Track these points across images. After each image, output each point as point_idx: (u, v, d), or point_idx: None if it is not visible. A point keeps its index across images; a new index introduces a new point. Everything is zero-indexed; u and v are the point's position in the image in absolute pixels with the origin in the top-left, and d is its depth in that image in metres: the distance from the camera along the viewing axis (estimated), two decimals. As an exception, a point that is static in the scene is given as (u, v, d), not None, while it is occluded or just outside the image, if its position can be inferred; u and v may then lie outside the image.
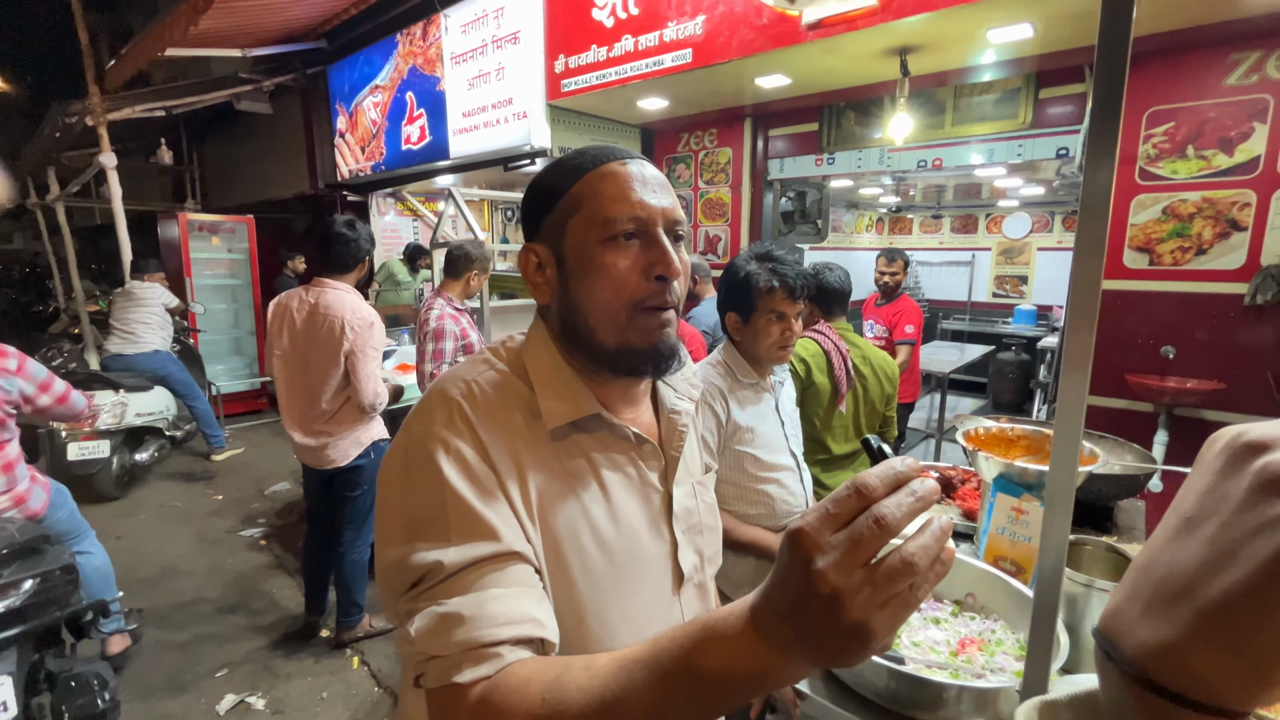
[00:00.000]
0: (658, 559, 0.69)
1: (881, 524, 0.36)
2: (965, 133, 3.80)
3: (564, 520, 0.62)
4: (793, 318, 1.37)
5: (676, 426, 0.73)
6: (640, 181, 0.64)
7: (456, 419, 0.60)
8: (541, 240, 0.67)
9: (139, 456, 4.29)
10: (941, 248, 8.31)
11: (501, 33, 4.05)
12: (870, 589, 0.35)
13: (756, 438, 1.38)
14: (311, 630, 2.67)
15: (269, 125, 6.67)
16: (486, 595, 0.53)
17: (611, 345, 0.64)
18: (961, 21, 2.65)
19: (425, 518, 0.57)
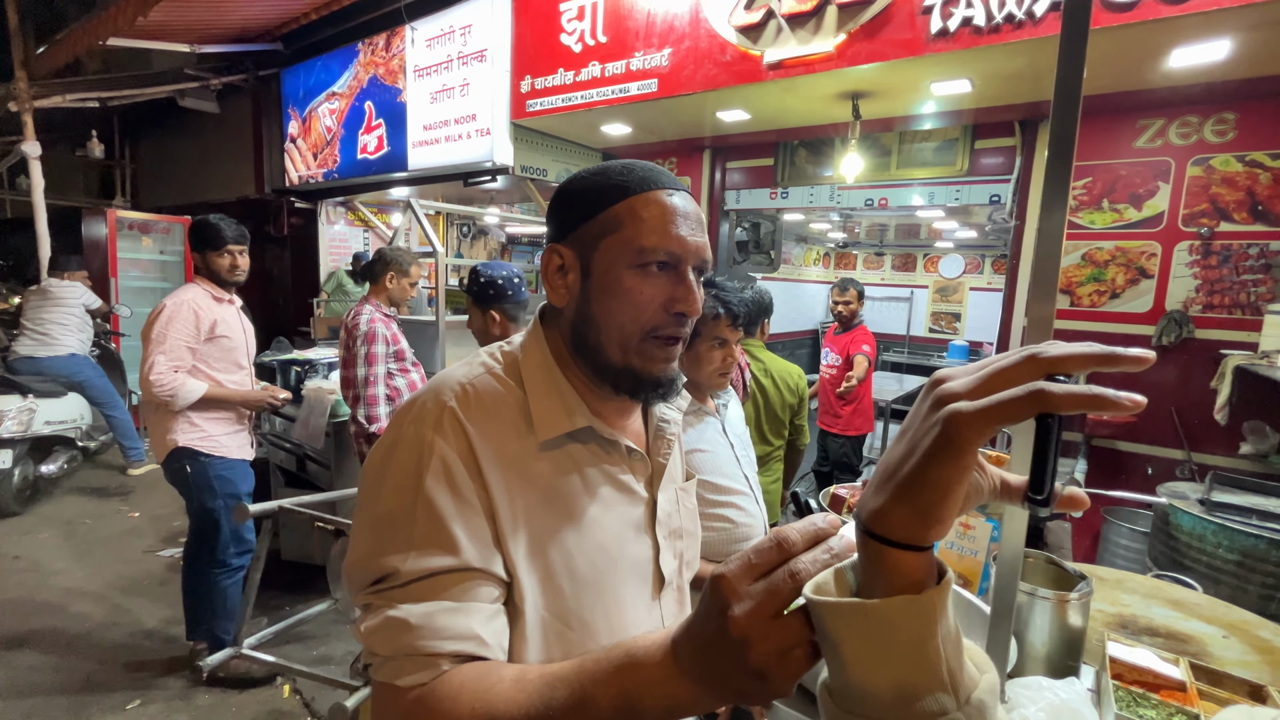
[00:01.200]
0: (640, 564, 0.71)
1: (795, 578, 0.39)
2: (908, 176, 4.05)
3: (551, 526, 0.63)
4: (734, 344, 1.41)
5: (665, 434, 0.75)
6: (683, 216, 0.66)
7: (446, 423, 0.60)
8: (570, 245, 0.67)
9: (45, 468, 3.94)
10: (883, 284, 8.73)
11: (468, 49, 4.07)
12: (779, 641, 0.39)
13: (704, 463, 1.38)
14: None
15: (214, 125, 6.40)
16: (437, 608, 0.55)
17: (617, 364, 0.66)
18: (908, 73, 2.85)
19: (394, 520, 0.58)
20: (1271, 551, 1.74)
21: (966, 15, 2.44)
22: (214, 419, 2.28)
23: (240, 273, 2.32)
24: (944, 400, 0.33)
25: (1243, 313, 2.92)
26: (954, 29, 2.49)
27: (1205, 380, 2.92)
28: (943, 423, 0.32)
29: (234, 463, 2.33)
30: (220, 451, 2.28)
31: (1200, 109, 2.94)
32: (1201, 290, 3.01)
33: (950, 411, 0.32)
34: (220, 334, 2.25)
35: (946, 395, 0.34)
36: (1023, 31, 2.37)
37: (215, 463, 2.27)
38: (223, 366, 2.29)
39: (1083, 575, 1.02)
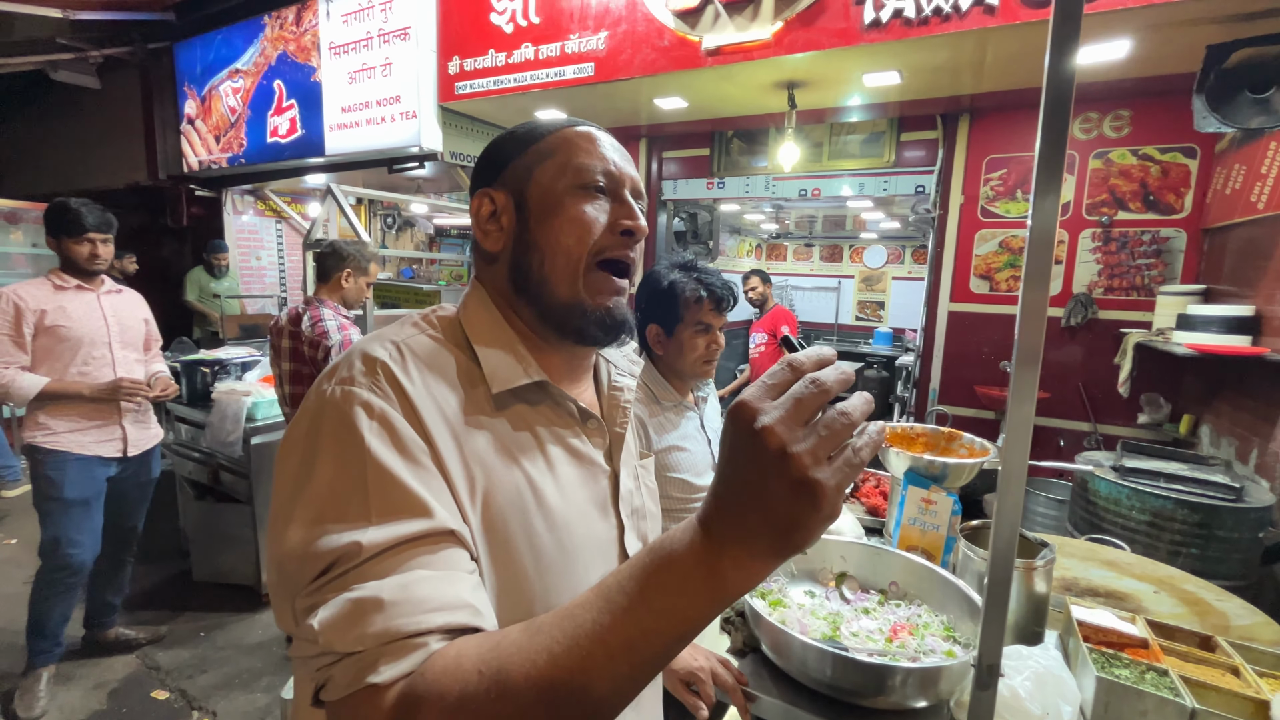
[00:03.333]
0: (606, 543, 0.65)
1: (817, 383, 0.38)
2: (839, 167, 4.16)
3: (510, 496, 0.56)
4: (718, 330, 1.36)
5: (619, 403, 0.70)
6: (613, 148, 0.66)
7: (383, 380, 0.52)
8: (499, 186, 0.65)
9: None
10: (812, 274, 9.03)
11: (390, 27, 3.83)
12: (815, 439, 0.37)
13: (682, 462, 1.32)
14: (145, 691, 2.24)
15: (95, 103, 5.73)
16: (413, 577, 0.45)
17: (563, 298, 0.62)
18: (841, 63, 2.91)
19: (339, 493, 0.48)
20: (1179, 511, 1.89)
21: (897, 7, 2.51)
22: (60, 415, 2.13)
23: (100, 262, 2.16)
24: None
25: (1139, 294, 3.19)
26: (886, 20, 2.55)
27: (1108, 357, 3.16)
28: None
29: (68, 460, 2.12)
30: (59, 446, 2.11)
31: (1100, 105, 3.17)
32: (1103, 274, 3.26)
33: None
34: (54, 324, 2.07)
35: None
36: (949, 25, 2.46)
37: (48, 460, 2.10)
38: (66, 359, 2.12)
39: (1044, 542, 1.05)
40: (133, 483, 2.34)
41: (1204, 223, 3.00)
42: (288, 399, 2.32)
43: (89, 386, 2.12)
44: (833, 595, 1.09)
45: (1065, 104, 0.65)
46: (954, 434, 1.39)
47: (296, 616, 0.46)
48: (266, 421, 2.71)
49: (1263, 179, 2.46)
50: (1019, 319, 0.67)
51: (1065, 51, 0.64)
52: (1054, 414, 3.41)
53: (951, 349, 3.70)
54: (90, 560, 2.20)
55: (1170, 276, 3.10)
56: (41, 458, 2.10)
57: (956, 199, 3.58)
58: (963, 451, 1.35)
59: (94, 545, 2.20)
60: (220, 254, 5.30)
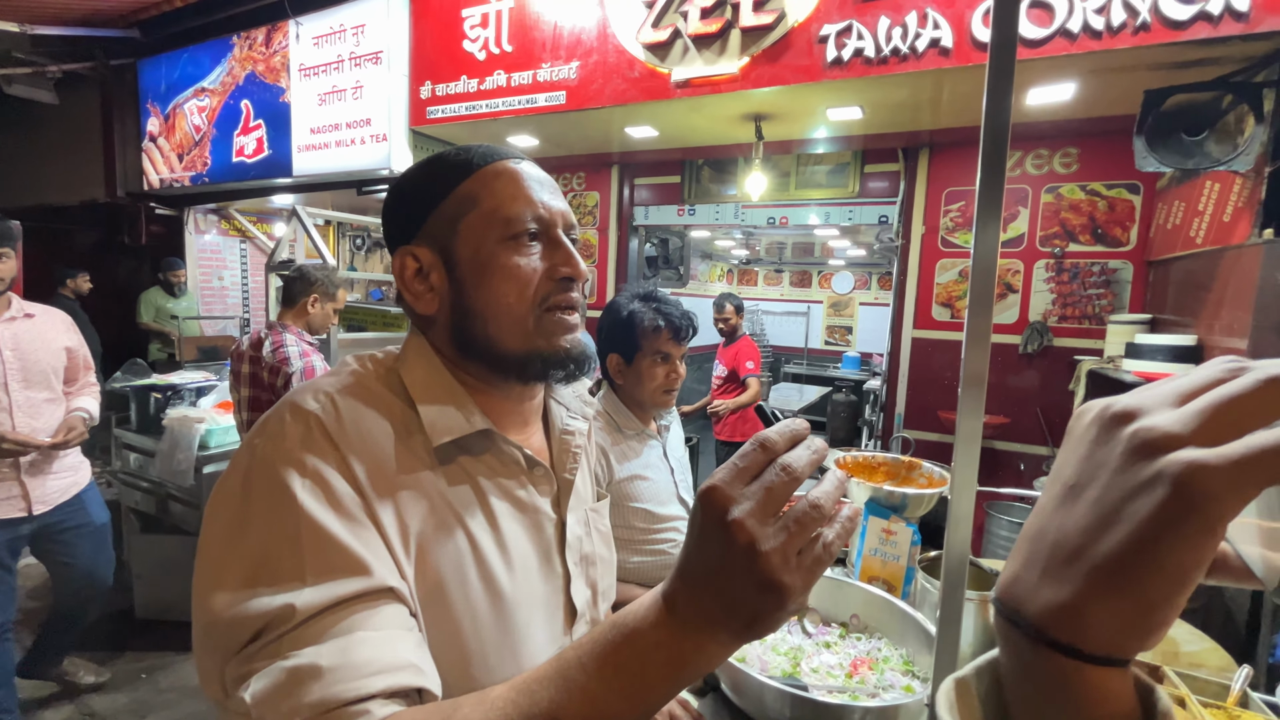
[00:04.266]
0: (549, 595, 0.63)
1: (788, 470, 0.36)
2: (805, 196, 4.27)
3: (448, 555, 0.54)
4: (678, 360, 1.36)
5: (570, 448, 0.68)
6: (538, 182, 0.62)
7: (315, 434, 0.51)
8: (422, 242, 0.60)
9: None
10: (782, 299, 9.19)
11: (361, 51, 3.83)
12: (785, 536, 0.35)
13: (644, 491, 1.31)
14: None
15: (52, 118, 5.57)
16: (352, 640, 0.43)
17: (518, 351, 0.60)
18: (806, 98, 3.00)
19: (270, 554, 0.46)
20: (1131, 535, 1.94)
21: (858, 46, 2.61)
22: None
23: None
24: (1158, 446, 0.23)
25: (1090, 323, 3.31)
26: (847, 58, 2.65)
27: (1064, 383, 3.27)
28: (1175, 483, 0.22)
29: None
30: None
31: (1050, 143, 3.32)
32: (1057, 303, 3.38)
33: (1190, 466, 0.22)
34: None
35: (1162, 439, 0.24)
36: (907, 65, 2.57)
37: None
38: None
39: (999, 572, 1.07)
40: (70, 534, 2.09)
41: (1149, 255, 3.15)
42: (246, 425, 2.23)
43: None
44: (794, 629, 1.08)
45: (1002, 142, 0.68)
46: (914, 463, 1.41)
47: (226, 687, 0.43)
48: (221, 449, 2.61)
49: (1200, 215, 2.60)
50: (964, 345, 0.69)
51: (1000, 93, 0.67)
52: (1014, 439, 3.50)
53: (916, 374, 3.78)
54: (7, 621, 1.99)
55: (1119, 306, 3.24)
56: None
57: (918, 229, 3.69)
58: (922, 481, 1.37)
59: (9, 607, 1.98)
60: (176, 271, 5.16)
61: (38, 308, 2.06)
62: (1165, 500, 0.23)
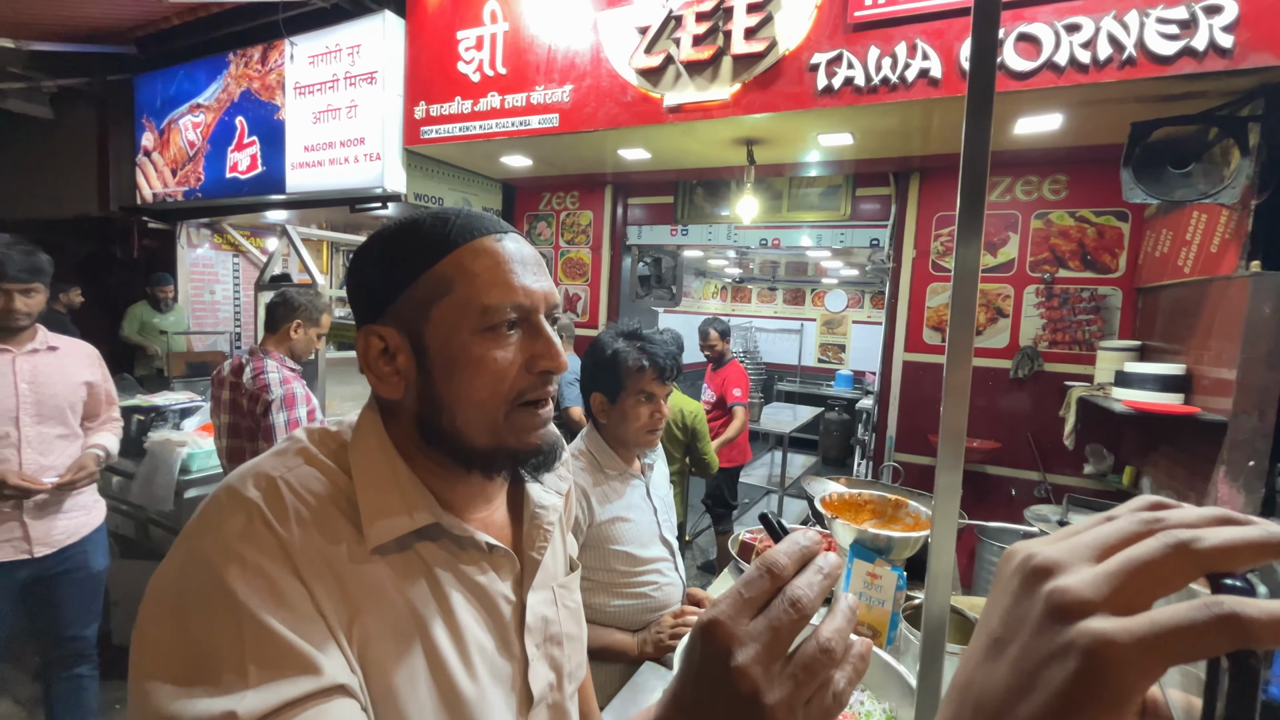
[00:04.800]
0: (503, 682, 0.59)
1: (797, 607, 0.33)
2: (798, 218, 4.29)
3: (395, 650, 0.51)
4: (662, 399, 1.33)
5: (541, 525, 0.64)
6: (520, 263, 0.57)
7: (256, 524, 0.48)
8: (389, 322, 0.56)
9: None
10: (776, 316, 9.21)
11: (356, 70, 3.84)
12: (791, 685, 0.32)
13: (626, 533, 1.29)
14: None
15: (46, 132, 5.57)
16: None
17: (484, 446, 0.56)
18: (797, 124, 3.02)
19: (209, 652, 0.43)
20: (1121, 569, 1.92)
21: (848, 75, 2.63)
22: None
23: (20, 318, 1.80)
24: (1071, 611, 0.23)
25: (1080, 349, 3.32)
26: (837, 87, 2.67)
27: (1055, 409, 3.26)
28: (1084, 655, 0.22)
29: None
30: None
31: (1039, 170, 3.35)
32: (1047, 328, 3.39)
33: (1098, 639, 0.22)
34: None
35: (1074, 604, 0.24)
36: (896, 94, 2.59)
37: None
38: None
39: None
40: (69, 582, 1.93)
41: (1137, 282, 3.17)
42: (225, 452, 2.19)
43: None
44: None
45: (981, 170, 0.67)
46: (901, 502, 1.39)
47: None
48: (203, 474, 2.57)
49: (1188, 244, 2.62)
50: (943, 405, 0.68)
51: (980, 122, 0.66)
52: (1005, 463, 3.49)
53: (907, 398, 3.77)
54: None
55: (1109, 332, 3.25)
56: None
57: (909, 253, 3.70)
58: (909, 521, 1.35)
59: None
60: (164, 286, 5.13)
61: (64, 340, 1.98)
62: (1076, 672, 0.23)
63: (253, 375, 2.06)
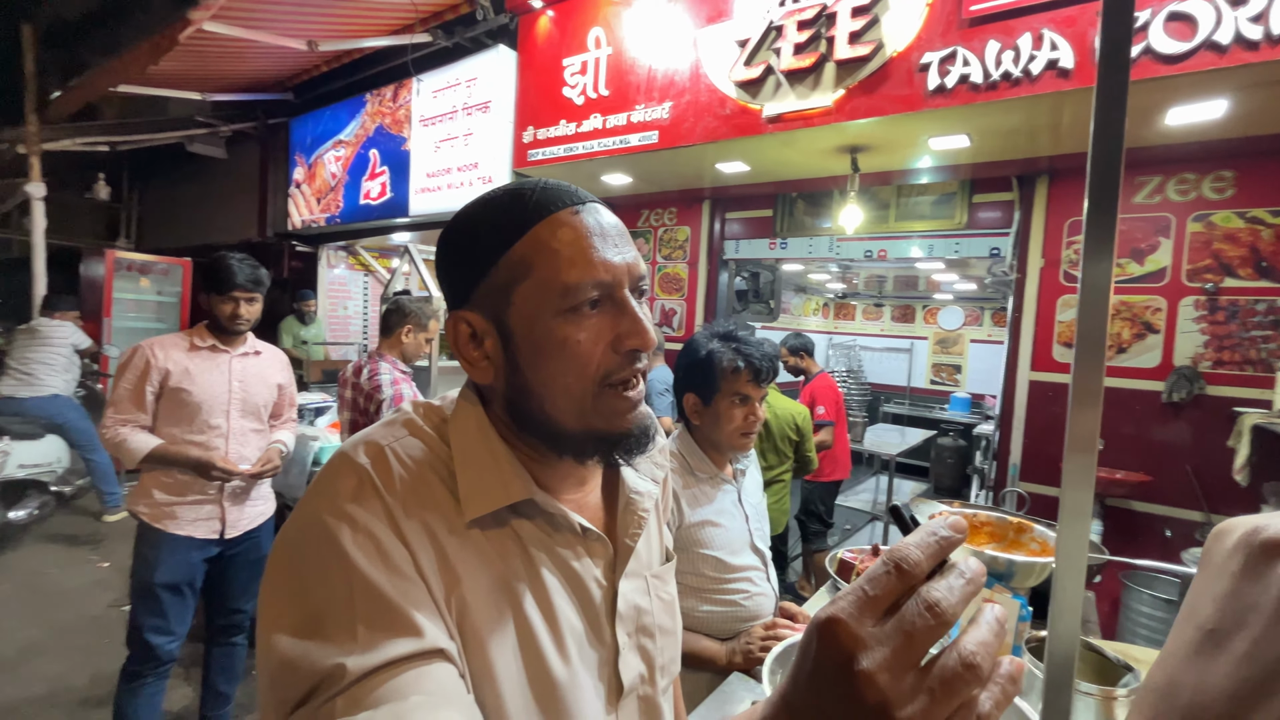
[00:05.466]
0: (592, 668, 0.58)
1: (935, 612, 0.29)
2: (907, 228, 4.06)
3: (490, 622, 0.51)
4: (757, 401, 1.29)
5: (636, 511, 0.63)
6: (600, 235, 0.55)
7: (366, 488, 0.50)
8: (476, 308, 0.56)
9: (14, 514, 3.78)
10: (883, 334, 8.73)
11: (472, 100, 4.15)
12: (927, 700, 0.28)
13: (716, 538, 1.25)
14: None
15: (221, 170, 6.51)
16: (406, 706, 0.42)
17: (575, 429, 0.55)
18: (906, 128, 2.87)
19: (324, 610, 0.45)
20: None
21: (964, 73, 2.47)
22: (163, 485, 1.95)
23: (242, 322, 2.01)
24: None
25: (1254, 369, 2.85)
26: (951, 86, 2.51)
27: (1221, 438, 2.82)
28: None
29: (163, 540, 1.93)
30: (156, 523, 1.93)
31: (1197, 166, 2.95)
32: (1210, 346, 2.95)
33: None
34: (178, 385, 1.93)
35: None
36: (1020, 89, 2.39)
37: (145, 535, 1.94)
38: (185, 424, 1.96)
39: (1128, 666, 0.91)
40: (241, 562, 2.11)
41: (1331, 292, 2.68)
42: None
43: (184, 455, 1.93)
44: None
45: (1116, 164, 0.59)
46: (1025, 525, 1.25)
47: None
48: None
49: (1401, 246, 2.18)
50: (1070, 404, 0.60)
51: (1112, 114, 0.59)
52: (1158, 500, 3.05)
53: (1034, 422, 3.42)
54: (176, 652, 2.01)
55: (1292, 350, 2.77)
56: (141, 531, 1.96)
57: (1036, 262, 3.38)
58: (1034, 546, 1.20)
59: (182, 635, 2.02)
60: (307, 302, 5.74)
61: (265, 346, 2.17)
62: None
63: (368, 376, 2.26)
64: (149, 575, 1.92)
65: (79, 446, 4.13)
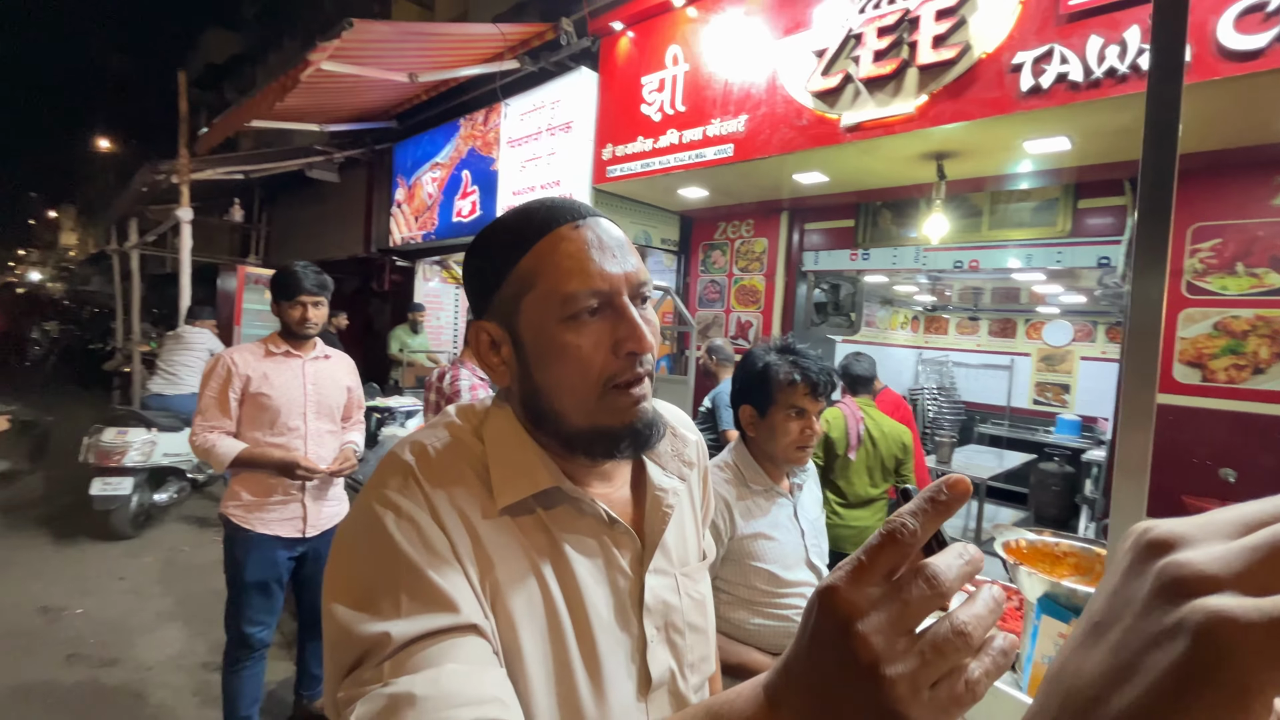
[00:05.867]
0: (621, 657, 0.61)
1: (932, 583, 0.30)
2: (1002, 237, 3.81)
3: (520, 603, 0.56)
4: (814, 415, 1.28)
5: (661, 506, 0.66)
6: (598, 247, 0.58)
7: (410, 481, 0.56)
8: (492, 317, 0.62)
9: (158, 497, 4.32)
10: (979, 350, 8.17)
11: (556, 121, 4.34)
12: (917, 662, 0.29)
13: (769, 551, 1.24)
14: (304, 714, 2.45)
15: (334, 192, 7.17)
16: (443, 671, 0.46)
17: (583, 428, 0.59)
18: (998, 132, 2.72)
19: (373, 585, 0.51)
20: None
21: (1061, 71, 2.31)
22: (249, 486, 2.07)
23: (310, 326, 2.10)
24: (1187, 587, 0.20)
25: None
26: (1047, 86, 2.36)
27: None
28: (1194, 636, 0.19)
29: (250, 540, 2.04)
30: (244, 523, 2.04)
31: (1354, 163, 2.59)
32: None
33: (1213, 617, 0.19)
34: (258, 391, 2.04)
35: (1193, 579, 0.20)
36: (1126, 86, 2.21)
37: (234, 536, 2.07)
38: (266, 427, 2.06)
39: None
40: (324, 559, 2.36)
41: None
42: None
43: (268, 456, 2.03)
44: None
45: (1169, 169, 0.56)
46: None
47: (337, 707, 0.49)
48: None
49: None
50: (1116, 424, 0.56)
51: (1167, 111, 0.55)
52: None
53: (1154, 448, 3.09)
54: (269, 638, 2.14)
55: None
56: (230, 531, 2.07)
57: (1152, 273, 3.07)
58: (1124, 582, 1.10)
59: (273, 624, 2.16)
60: (419, 313, 6.13)
61: (333, 352, 2.27)
62: (1184, 655, 0.19)
63: (449, 382, 2.41)
64: (239, 574, 2.06)
65: (210, 440, 4.66)
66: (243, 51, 13.42)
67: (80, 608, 3.17)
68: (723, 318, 4.92)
